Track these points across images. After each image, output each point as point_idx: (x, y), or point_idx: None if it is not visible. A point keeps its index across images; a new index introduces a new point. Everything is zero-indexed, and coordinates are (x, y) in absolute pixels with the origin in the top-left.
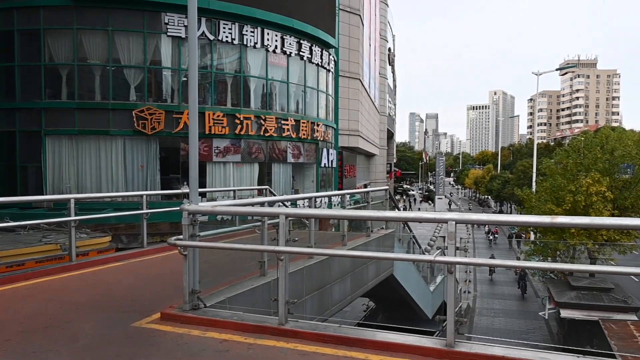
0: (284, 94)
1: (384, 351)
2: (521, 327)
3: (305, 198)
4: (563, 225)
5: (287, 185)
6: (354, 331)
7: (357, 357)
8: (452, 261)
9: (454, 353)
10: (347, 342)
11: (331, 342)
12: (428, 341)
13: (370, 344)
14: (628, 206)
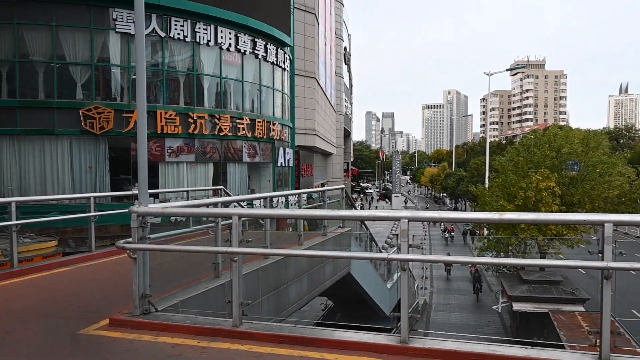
0: (238, 93)
1: (339, 350)
2: (476, 321)
3: (260, 198)
4: (511, 221)
5: (243, 185)
6: (309, 331)
7: (313, 356)
8: (405, 258)
9: (408, 349)
10: (303, 342)
11: (286, 342)
12: (383, 338)
13: (325, 343)
14: (575, 202)
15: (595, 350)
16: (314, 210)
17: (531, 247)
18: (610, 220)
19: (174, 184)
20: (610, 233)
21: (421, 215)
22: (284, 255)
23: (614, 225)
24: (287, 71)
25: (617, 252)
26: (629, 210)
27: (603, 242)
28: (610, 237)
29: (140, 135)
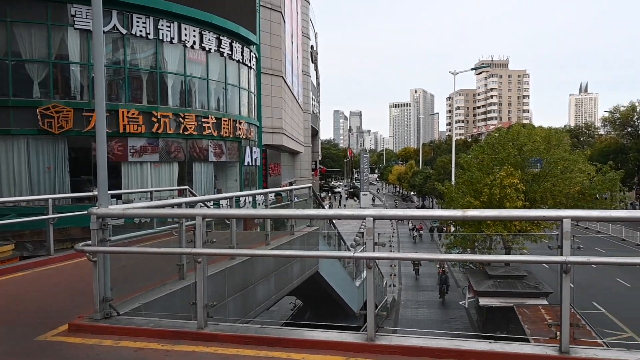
0: (203, 91)
1: (306, 349)
2: (444, 317)
3: (225, 198)
4: (474, 218)
5: (210, 185)
6: (276, 331)
7: (279, 357)
8: (371, 256)
9: (375, 346)
10: (269, 343)
11: (253, 343)
12: (349, 336)
13: (292, 342)
14: (537, 198)
15: (556, 342)
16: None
17: (496, 243)
18: (569, 216)
19: (138, 185)
20: (569, 228)
21: (386, 214)
22: (249, 255)
23: (572, 220)
24: (253, 69)
25: (576, 247)
26: (589, 205)
27: (562, 237)
28: (569, 232)
29: (99, 135)
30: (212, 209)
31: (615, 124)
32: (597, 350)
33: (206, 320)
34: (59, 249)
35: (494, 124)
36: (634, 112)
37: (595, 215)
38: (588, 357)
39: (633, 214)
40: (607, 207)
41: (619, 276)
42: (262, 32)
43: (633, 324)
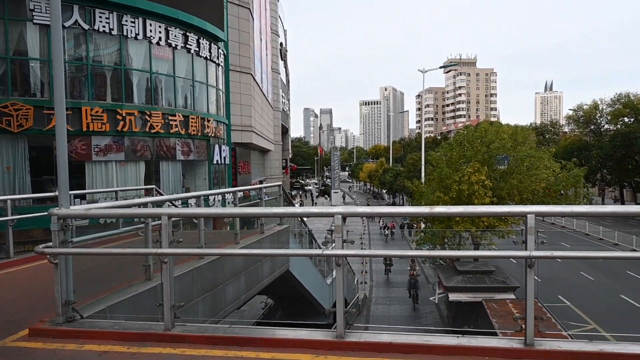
0: (170, 89)
1: (275, 348)
2: (415, 312)
3: (192, 197)
4: (441, 215)
5: (177, 184)
6: (245, 330)
7: (248, 356)
8: (340, 254)
9: (344, 343)
10: (238, 342)
11: (221, 343)
12: (319, 334)
13: (261, 342)
14: (504, 195)
15: (522, 335)
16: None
17: (465, 239)
18: (533, 212)
19: (103, 185)
20: (533, 224)
21: (355, 211)
22: (216, 254)
23: (536, 216)
24: (221, 66)
25: (540, 242)
26: (555, 201)
27: (526, 232)
28: (533, 227)
29: (59, 133)
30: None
31: (579, 121)
32: (560, 343)
33: (173, 322)
34: (19, 252)
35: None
36: (597, 110)
37: (558, 210)
38: (552, 349)
39: (593, 209)
40: (572, 203)
41: (584, 270)
42: (230, 28)
43: (596, 316)
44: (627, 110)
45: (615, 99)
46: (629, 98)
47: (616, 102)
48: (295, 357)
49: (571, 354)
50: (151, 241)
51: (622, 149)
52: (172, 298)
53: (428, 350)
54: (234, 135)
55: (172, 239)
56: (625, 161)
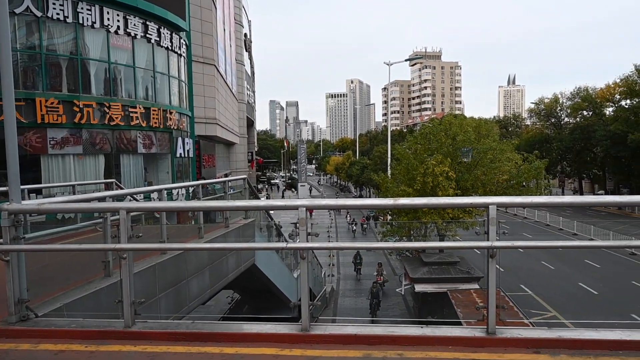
0: (130, 80)
1: (239, 343)
2: (382, 303)
3: (153, 190)
4: (404, 206)
5: (139, 177)
6: (208, 325)
7: (212, 351)
8: (304, 247)
9: (309, 336)
10: (201, 338)
11: (184, 339)
12: (284, 328)
13: (225, 337)
14: (469, 187)
15: (484, 324)
16: (208, 202)
17: (431, 230)
18: (494, 203)
19: (60, 179)
20: (494, 214)
21: (319, 203)
22: (176, 249)
23: (498, 207)
24: (183, 57)
25: (501, 232)
26: (517, 193)
27: (488, 223)
28: (495, 218)
29: (8, 125)
30: (137, 202)
31: (540, 115)
32: (521, 330)
33: (134, 318)
34: None
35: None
36: (557, 104)
37: (518, 201)
38: (512, 336)
39: (552, 200)
40: (533, 194)
41: (545, 259)
42: (192, 18)
43: (556, 303)
44: (585, 104)
45: (575, 93)
46: (587, 92)
47: (575, 96)
48: (259, 351)
49: (531, 341)
50: (110, 237)
51: (580, 141)
52: (132, 294)
53: (393, 341)
54: (198, 127)
55: (131, 233)
56: (584, 153)
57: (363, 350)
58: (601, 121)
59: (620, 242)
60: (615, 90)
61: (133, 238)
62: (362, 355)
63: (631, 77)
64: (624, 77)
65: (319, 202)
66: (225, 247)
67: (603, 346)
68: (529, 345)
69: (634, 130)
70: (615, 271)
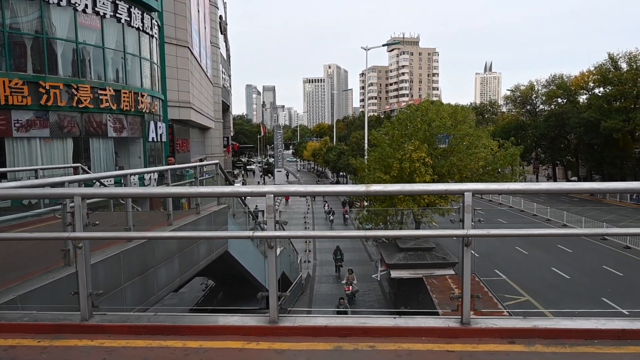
0: (99, 61)
1: (204, 336)
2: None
3: (117, 175)
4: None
5: (110, 162)
6: (171, 318)
7: (174, 345)
8: (270, 235)
9: (277, 329)
10: (163, 331)
11: (145, 333)
12: (251, 320)
13: (189, 330)
14: (445, 173)
15: (459, 314)
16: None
17: (407, 216)
18: (470, 190)
19: (26, 163)
20: (470, 202)
21: (287, 190)
22: (136, 238)
23: (474, 193)
24: (155, 38)
25: (477, 220)
26: (492, 179)
27: (463, 210)
28: (470, 205)
29: None
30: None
31: (516, 102)
32: (496, 320)
33: (91, 311)
34: None
35: (405, 100)
36: (533, 91)
37: (494, 188)
38: (487, 327)
39: (528, 187)
40: (508, 180)
41: (519, 245)
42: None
43: (530, 288)
44: (560, 91)
45: (550, 80)
46: (562, 79)
47: (551, 83)
48: (225, 344)
49: (506, 331)
50: (66, 224)
51: (555, 128)
52: (89, 285)
53: (364, 333)
54: (171, 111)
55: (87, 221)
56: (558, 140)
57: (333, 343)
58: (575, 108)
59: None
60: (589, 78)
61: (89, 226)
62: (332, 347)
63: (605, 66)
64: (598, 66)
65: (288, 189)
66: (189, 236)
67: (579, 335)
68: (504, 335)
69: (607, 117)
70: (587, 256)
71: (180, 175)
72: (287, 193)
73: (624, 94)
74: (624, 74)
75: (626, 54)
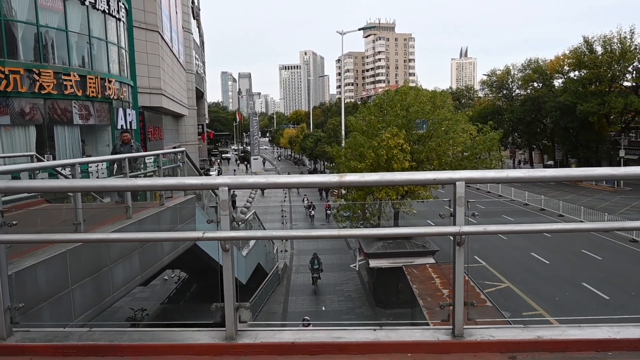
0: (63, 45)
1: (146, 356)
2: (336, 279)
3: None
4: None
5: (76, 150)
6: (107, 336)
7: None
8: (225, 237)
9: (236, 347)
10: (97, 352)
11: (74, 354)
12: (204, 336)
13: (128, 349)
14: (423, 159)
15: (449, 324)
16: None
17: (385, 204)
18: (462, 178)
19: None
20: (463, 193)
21: (244, 181)
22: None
23: (467, 183)
24: (123, 22)
25: (471, 214)
26: (472, 164)
27: (455, 203)
28: (463, 197)
29: None
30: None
31: (492, 86)
32: (493, 331)
33: (10, 329)
34: None
35: (382, 86)
36: (509, 75)
37: (491, 176)
38: (484, 339)
39: (531, 174)
40: (488, 166)
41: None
42: None
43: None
44: (536, 75)
45: (526, 65)
46: (538, 64)
47: (527, 67)
48: None
49: (506, 344)
50: None
51: (531, 112)
52: (7, 299)
53: (340, 350)
54: (142, 98)
55: (1, 221)
56: (534, 124)
57: None
58: (551, 93)
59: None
60: (564, 62)
61: (4, 227)
62: None
63: (580, 49)
64: (573, 49)
65: (245, 180)
66: (122, 238)
67: (590, 347)
68: (503, 348)
69: (582, 101)
70: (565, 241)
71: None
72: (245, 185)
73: (599, 78)
74: (599, 57)
75: (601, 37)
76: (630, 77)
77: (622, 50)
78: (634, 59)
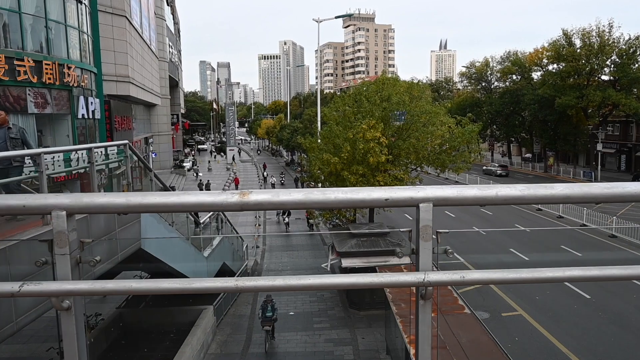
0: (16, 28)
1: None
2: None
3: None
4: (257, 207)
5: (32, 141)
6: None
7: None
8: (55, 291)
9: None
10: None
11: None
12: None
13: None
14: (402, 153)
15: None
16: None
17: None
18: (429, 198)
19: None
20: (430, 220)
21: (90, 202)
22: None
23: (435, 205)
24: (85, 5)
25: (442, 251)
26: (450, 159)
27: (417, 235)
28: (430, 226)
29: None
30: None
31: (472, 78)
32: None
33: None
34: None
35: (362, 77)
36: (488, 67)
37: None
38: None
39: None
40: (466, 159)
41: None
42: None
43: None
44: (515, 67)
45: (505, 57)
46: (516, 56)
47: (505, 59)
48: None
49: None
50: None
51: (510, 105)
52: None
53: None
54: (107, 86)
55: None
56: (513, 117)
57: None
58: (530, 85)
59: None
60: (543, 55)
61: None
62: None
63: (559, 42)
64: (552, 42)
65: (92, 200)
66: None
67: None
68: None
69: (561, 94)
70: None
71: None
72: (91, 208)
73: (578, 71)
74: (577, 50)
75: (580, 30)
76: (608, 71)
77: (600, 44)
78: (612, 52)
